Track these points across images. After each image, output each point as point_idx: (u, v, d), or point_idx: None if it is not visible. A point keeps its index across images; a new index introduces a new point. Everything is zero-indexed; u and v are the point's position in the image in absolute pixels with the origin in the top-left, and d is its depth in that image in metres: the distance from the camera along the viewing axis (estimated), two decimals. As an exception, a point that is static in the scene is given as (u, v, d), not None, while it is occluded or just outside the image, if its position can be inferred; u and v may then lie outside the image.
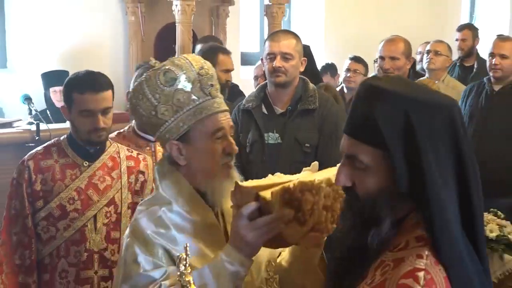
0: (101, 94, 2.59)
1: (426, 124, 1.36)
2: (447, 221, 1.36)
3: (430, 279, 1.30)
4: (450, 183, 1.38)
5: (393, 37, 4.35)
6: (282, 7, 5.52)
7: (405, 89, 1.42)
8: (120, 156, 2.76)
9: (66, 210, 2.60)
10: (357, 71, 5.34)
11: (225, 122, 1.83)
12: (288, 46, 3.33)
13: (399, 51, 4.19)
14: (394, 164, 1.37)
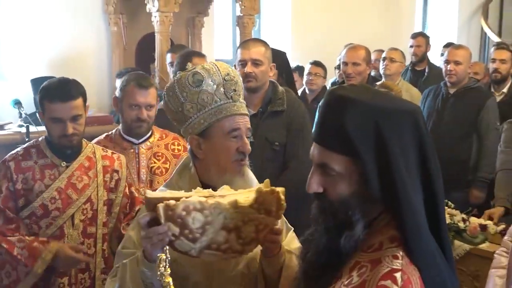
0: (70, 103, 2.55)
1: (395, 130, 1.34)
2: (418, 223, 1.34)
3: (406, 279, 1.28)
4: (417, 186, 1.36)
5: (355, 44, 4.38)
6: (253, 17, 5.52)
7: (372, 98, 1.39)
8: (96, 156, 2.73)
9: (48, 209, 2.58)
10: (318, 74, 5.40)
11: (242, 123, 1.89)
12: (257, 53, 3.33)
13: (361, 57, 4.22)
14: (366, 170, 1.34)
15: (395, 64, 5.13)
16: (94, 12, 5.63)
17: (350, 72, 4.23)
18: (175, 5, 4.99)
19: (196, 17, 5.90)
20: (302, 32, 7.40)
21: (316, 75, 5.40)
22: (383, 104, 1.37)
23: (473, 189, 4.28)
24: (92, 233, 2.67)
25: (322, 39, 7.20)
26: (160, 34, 5.00)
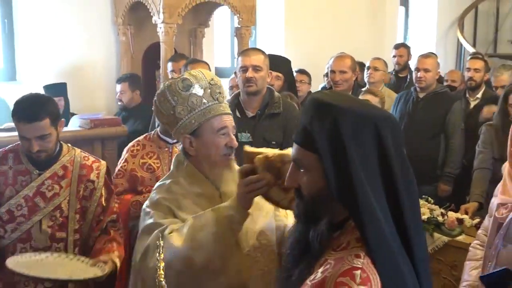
0: (35, 124, 2.38)
1: (354, 132, 1.29)
2: (378, 225, 1.27)
3: (366, 277, 1.23)
4: (379, 188, 1.31)
5: (342, 54, 4.39)
6: (249, 29, 5.52)
7: (341, 101, 1.36)
8: (74, 165, 2.58)
9: (14, 215, 2.48)
10: (303, 81, 5.45)
11: (228, 122, 1.97)
12: (258, 60, 3.36)
13: (347, 65, 4.24)
14: (325, 167, 1.31)
15: (378, 73, 5.14)
16: (104, 23, 5.62)
17: (338, 79, 4.25)
18: (178, 17, 4.98)
19: (197, 28, 5.89)
20: (294, 43, 7.40)
21: (301, 82, 5.44)
22: (349, 107, 1.34)
23: (441, 183, 4.38)
24: (62, 238, 2.53)
25: (312, 49, 7.20)
26: (165, 44, 4.99)
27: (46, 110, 2.44)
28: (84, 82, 5.43)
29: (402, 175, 1.33)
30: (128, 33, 5.54)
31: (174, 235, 1.81)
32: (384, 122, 1.33)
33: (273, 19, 7.47)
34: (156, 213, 1.91)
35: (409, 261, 1.32)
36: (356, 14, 8.10)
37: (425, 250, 1.41)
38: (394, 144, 1.33)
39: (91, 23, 5.54)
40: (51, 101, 2.57)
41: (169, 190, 1.97)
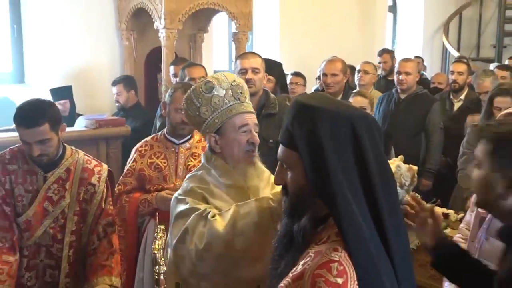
0: (34, 129, 2.32)
1: (331, 132, 1.28)
2: (354, 221, 1.25)
3: (342, 269, 1.22)
4: (355, 182, 1.29)
5: (333, 57, 4.40)
6: (246, 34, 5.52)
7: (320, 103, 1.35)
8: (76, 167, 2.52)
9: (31, 223, 2.46)
10: (298, 83, 5.46)
11: (249, 119, 1.99)
12: (256, 62, 3.38)
13: (338, 68, 4.24)
14: (304, 164, 1.31)
15: (368, 76, 5.16)
16: (109, 28, 5.61)
17: (329, 82, 4.26)
18: (179, 23, 4.98)
19: (197, 34, 5.88)
20: (288, 47, 7.42)
21: (296, 84, 5.46)
22: (327, 108, 1.33)
23: (423, 179, 4.39)
24: (60, 238, 2.50)
25: (305, 53, 7.21)
26: (166, 48, 4.98)
27: (46, 115, 2.37)
28: (90, 84, 5.42)
29: (380, 173, 1.31)
30: (131, 38, 5.54)
31: (217, 220, 1.83)
32: (361, 121, 1.32)
33: (268, 25, 7.48)
34: (191, 200, 1.94)
35: (386, 256, 1.29)
36: (347, 19, 8.12)
37: (405, 246, 1.38)
38: (371, 143, 1.31)
39: (96, 28, 5.53)
40: (52, 106, 2.50)
41: (202, 179, 1.99)
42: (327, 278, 1.20)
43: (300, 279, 1.24)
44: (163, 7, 4.86)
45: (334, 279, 1.20)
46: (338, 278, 1.20)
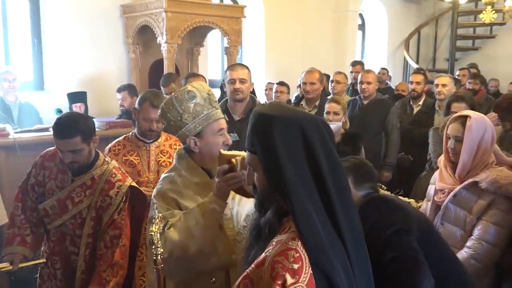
0: (66, 141, 2.31)
1: (282, 134, 1.25)
2: (306, 211, 1.22)
3: (298, 256, 1.18)
4: (307, 179, 1.24)
5: (311, 68, 4.40)
6: (236, 48, 5.52)
7: (274, 111, 1.32)
8: (101, 178, 2.47)
9: (48, 213, 2.49)
10: (282, 91, 5.42)
11: (223, 124, 1.99)
12: (243, 74, 3.36)
13: (316, 78, 4.24)
14: (262, 166, 1.29)
15: (340, 85, 5.15)
16: (117, 43, 5.58)
17: (308, 89, 4.26)
18: (178, 38, 4.96)
19: (194, 47, 5.86)
20: (272, 59, 7.44)
21: (281, 92, 5.43)
22: (278, 114, 1.30)
23: (384, 172, 4.47)
24: (79, 234, 2.47)
25: (287, 64, 7.22)
26: (167, 60, 4.97)
27: (78, 129, 2.32)
28: (101, 91, 5.38)
29: (330, 169, 1.27)
30: (137, 51, 5.51)
31: (171, 230, 1.81)
32: (310, 124, 1.28)
33: (256, 40, 7.48)
34: (160, 205, 1.89)
35: (339, 243, 1.25)
36: (323, 36, 8.16)
37: (358, 234, 1.32)
38: (321, 142, 1.27)
39: (107, 42, 5.50)
40: (87, 120, 2.45)
41: (173, 181, 1.96)
42: (284, 264, 1.17)
43: (262, 266, 1.21)
44: (165, 24, 4.85)
45: (290, 265, 1.17)
46: (294, 264, 1.17)
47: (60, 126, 2.35)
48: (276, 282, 1.15)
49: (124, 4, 5.50)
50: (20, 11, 5.32)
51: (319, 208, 1.24)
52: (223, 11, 5.37)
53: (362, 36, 9.68)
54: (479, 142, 2.27)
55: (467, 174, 2.32)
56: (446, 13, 9.95)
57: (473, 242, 2.20)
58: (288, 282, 1.15)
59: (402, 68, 9.78)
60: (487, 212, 2.20)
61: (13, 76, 4.58)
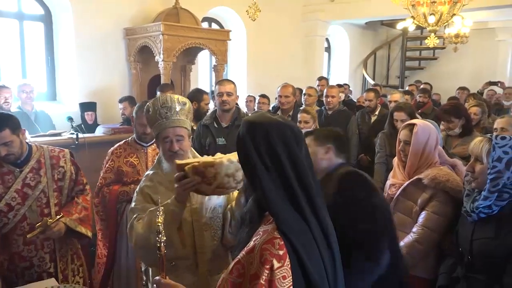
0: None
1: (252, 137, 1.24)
2: (275, 202, 1.21)
3: (282, 244, 1.17)
4: (273, 174, 1.22)
5: (285, 84, 4.41)
6: (223, 66, 5.53)
7: (253, 117, 1.30)
8: (45, 157, 2.39)
9: (12, 205, 2.28)
10: (264, 103, 5.44)
11: (171, 133, 1.89)
12: (229, 88, 3.37)
13: (289, 92, 4.25)
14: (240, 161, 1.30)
15: (311, 98, 5.16)
16: (121, 61, 5.52)
17: (283, 101, 4.28)
18: (173, 57, 4.95)
19: (186, 65, 5.85)
20: (253, 75, 7.46)
21: (263, 103, 5.45)
22: (252, 120, 1.28)
23: None
24: (48, 212, 2.36)
25: (265, 80, 7.25)
26: (164, 76, 4.94)
27: (5, 123, 2.21)
28: (106, 101, 5.32)
29: (292, 166, 1.23)
30: (137, 68, 5.46)
31: (139, 223, 1.82)
32: (275, 128, 1.25)
33: (239, 60, 7.49)
34: (137, 198, 1.91)
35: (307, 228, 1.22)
36: (295, 56, 8.22)
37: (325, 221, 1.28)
38: (284, 143, 1.24)
39: (111, 60, 5.44)
40: (11, 116, 2.31)
41: (151, 178, 1.95)
42: (271, 251, 1.17)
43: (251, 252, 1.20)
44: (162, 45, 4.83)
45: (276, 251, 1.17)
46: (280, 250, 1.17)
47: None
48: (265, 266, 1.15)
49: (127, 27, 5.46)
50: (35, 32, 5.24)
51: (283, 196, 1.22)
52: (212, 34, 5.38)
53: (328, 56, 9.78)
54: (424, 146, 2.32)
55: (415, 172, 2.36)
56: (397, 39, 10.16)
57: (417, 228, 2.24)
58: (275, 266, 1.15)
59: (361, 83, 9.93)
60: (429, 203, 2.24)
61: (30, 88, 4.50)
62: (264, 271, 1.15)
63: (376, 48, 10.35)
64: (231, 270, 1.21)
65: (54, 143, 3.41)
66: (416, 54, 10.50)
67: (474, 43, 9.15)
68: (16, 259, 2.31)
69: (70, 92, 5.27)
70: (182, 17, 5.30)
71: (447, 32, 8.10)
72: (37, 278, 2.33)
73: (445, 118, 3.37)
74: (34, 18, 5.20)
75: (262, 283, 1.13)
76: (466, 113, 3.43)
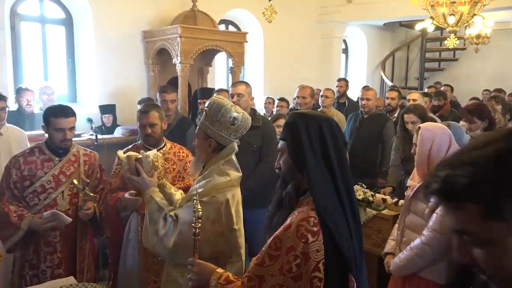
0: (69, 119, 2.49)
1: (305, 127, 1.40)
2: (319, 186, 1.35)
3: (316, 222, 1.31)
4: (320, 161, 1.38)
5: (304, 85, 4.40)
6: (240, 68, 5.53)
7: (310, 112, 1.50)
8: (79, 154, 2.65)
9: (45, 188, 2.50)
10: (283, 106, 5.38)
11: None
12: (240, 89, 3.36)
13: (307, 93, 4.24)
14: (288, 149, 1.44)
15: (328, 99, 5.16)
16: (139, 63, 5.58)
17: (300, 102, 4.27)
18: (190, 59, 4.97)
19: (204, 67, 5.87)
20: (270, 77, 7.45)
21: (281, 106, 5.37)
22: (305, 113, 1.48)
23: (379, 178, 4.29)
24: (75, 202, 2.57)
25: (282, 82, 7.24)
26: (181, 78, 4.97)
27: (73, 111, 2.56)
28: (125, 103, 5.38)
29: (337, 157, 1.39)
30: (155, 70, 5.51)
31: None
32: (325, 122, 1.43)
33: (256, 61, 7.50)
34: None
35: (343, 215, 1.37)
36: (312, 58, 8.19)
37: (355, 209, 1.43)
38: (331, 136, 1.41)
39: (130, 63, 5.50)
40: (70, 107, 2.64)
41: None
42: (307, 227, 1.29)
43: (288, 228, 1.32)
44: (180, 48, 4.86)
45: (311, 228, 1.29)
46: (314, 227, 1.30)
47: (60, 108, 2.52)
48: (301, 240, 1.28)
49: (145, 30, 5.52)
50: (57, 36, 5.35)
51: (327, 182, 1.37)
52: (229, 36, 5.39)
53: (346, 58, 9.70)
54: (429, 148, 2.29)
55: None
56: (416, 40, 10.00)
57: (427, 231, 2.22)
58: (309, 240, 1.28)
59: (379, 85, 9.82)
60: (439, 206, 2.21)
61: (51, 90, 4.60)
62: (300, 244, 1.27)
63: (394, 49, 10.22)
64: (269, 244, 1.33)
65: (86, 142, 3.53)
66: (436, 55, 10.33)
67: (496, 43, 8.94)
68: (42, 243, 2.50)
69: (90, 94, 5.36)
70: (200, 19, 5.33)
71: (468, 33, 7.94)
72: (57, 264, 2.51)
73: (467, 118, 3.31)
74: (56, 22, 5.31)
75: (298, 255, 1.26)
76: (490, 116, 3.35)
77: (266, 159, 3.28)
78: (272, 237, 1.35)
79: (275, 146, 3.41)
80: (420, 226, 2.28)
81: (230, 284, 1.39)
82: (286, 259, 1.27)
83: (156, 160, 2.09)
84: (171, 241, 1.82)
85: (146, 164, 2.03)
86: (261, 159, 3.31)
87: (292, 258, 1.26)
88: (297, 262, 1.26)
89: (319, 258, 1.28)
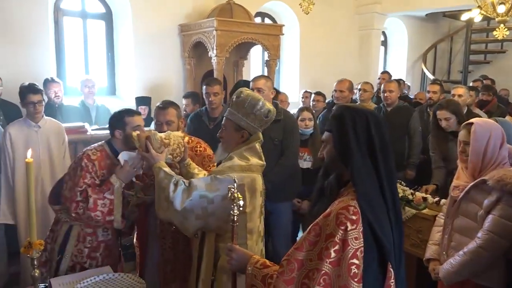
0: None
1: (352, 119, 1.41)
2: (362, 177, 1.37)
3: (356, 211, 1.33)
4: (365, 153, 1.39)
5: (343, 79, 4.31)
6: (276, 61, 5.47)
7: (356, 106, 1.49)
8: None
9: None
10: (319, 100, 5.30)
11: None
12: (260, 83, 3.33)
13: (345, 87, 4.15)
14: (334, 141, 1.45)
15: (366, 93, 5.02)
16: (176, 57, 5.65)
17: (337, 96, 4.20)
18: (226, 52, 4.97)
19: (239, 60, 5.87)
20: (306, 71, 7.34)
21: (318, 100, 5.29)
22: (351, 106, 1.48)
23: (408, 170, 4.30)
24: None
25: (319, 75, 7.13)
26: (217, 71, 4.97)
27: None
28: (161, 96, 5.42)
29: (381, 150, 1.41)
30: (191, 63, 5.56)
31: None
32: (372, 116, 1.44)
33: (292, 54, 7.41)
34: None
35: (384, 206, 1.38)
36: (350, 50, 8.00)
37: (397, 203, 1.44)
38: (377, 130, 1.42)
39: (167, 56, 5.57)
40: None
41: None
42: (346, 215, 1.32)
43: (328, 216, 1.35)
44: (215, 41, 4.87)
45: (350, 216, 1.32)
46: (353, 215, 1.32)
47: (130, 110, 2.52)
48: (340, 228, 1.30)
49: (182, 24, 5.57)
50: (97, 30, 5.49)
51: (371, 174, 1.38)
52: (264, 29, 5.34)
53: (385, 51, 9.43)
54: (485, 145, 2.17)
55: (479, 173, 2.21)
56: (461, 31, 9.55)
57: (482, 233, 2.11)
58: (349, 228, 1.30)
59: (420, 79, 9.48)
60: (495, 207, 2.09)
61: (92, 83, 4.72)
62: (339, 231, 1.30)
63: (437, 41, 9.81)
64: (309, 231, 1.37)
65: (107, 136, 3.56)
66: (482, 47, 9.82)
67: (550, 34, 8.37)
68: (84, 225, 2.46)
69: (128, 87, 5.48)
70: (236, 12, 5.31)
71: (518, 23, 7.47)
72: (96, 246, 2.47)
73: None
74: (96, 16, 5.45)
75: (337, 241, 1.29)
76: None
77: (288, 152, 3.26)
78: (312, 224, 1.39)
79: (297, 140, 3.40)
80: (472, 230, 2.16)
81: (267, 268, 1.45)
82: (325, 245, 1.31)
83: (168, 138, 2.20)
84: (182, 203, 1.90)
85: (155, 142, 2.14)
86: (283, 153, 3.27)
87: (330, 245, 1.29)
88: (336, 248, 1.29)
89: (357, 246, 1.30)
